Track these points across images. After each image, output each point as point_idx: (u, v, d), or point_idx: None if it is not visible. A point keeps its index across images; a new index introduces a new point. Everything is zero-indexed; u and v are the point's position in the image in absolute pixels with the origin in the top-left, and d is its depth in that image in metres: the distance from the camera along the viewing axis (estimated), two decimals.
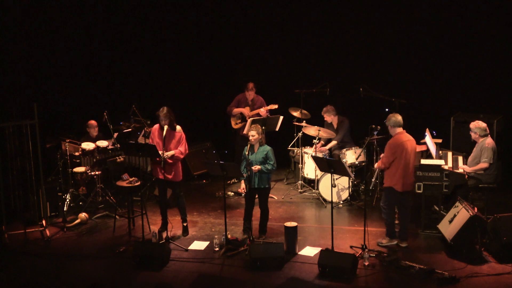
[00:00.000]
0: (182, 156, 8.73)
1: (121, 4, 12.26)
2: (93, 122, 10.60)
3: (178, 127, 8.73)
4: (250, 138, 8.62)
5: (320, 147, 10.73)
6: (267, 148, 8.68)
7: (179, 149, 8.66)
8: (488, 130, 9.10)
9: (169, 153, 8.56)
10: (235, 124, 11.07)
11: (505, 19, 11.14)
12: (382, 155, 8.55)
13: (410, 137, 8.36)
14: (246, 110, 10.88)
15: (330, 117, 10.78)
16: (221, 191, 10.47)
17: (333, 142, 10.76)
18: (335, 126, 10.80)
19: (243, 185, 8.75)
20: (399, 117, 8.33)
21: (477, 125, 9.02)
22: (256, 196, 8.80)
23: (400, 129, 8.34)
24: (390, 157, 8.24)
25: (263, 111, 10.79)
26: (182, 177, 8.93)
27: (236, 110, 10.94)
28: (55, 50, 11.92)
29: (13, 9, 11.43)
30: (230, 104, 10.99)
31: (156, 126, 8.74)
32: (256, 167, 8.50)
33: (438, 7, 11.44)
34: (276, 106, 10.84)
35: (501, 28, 11.17)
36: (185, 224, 9.07)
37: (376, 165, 8.69)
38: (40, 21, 11.69)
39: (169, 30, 12.49)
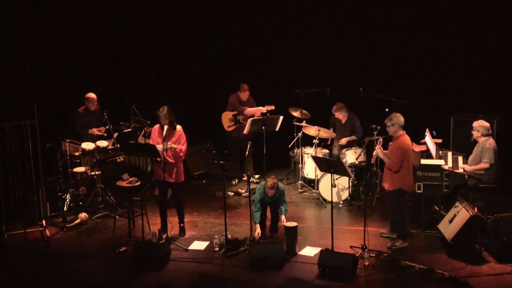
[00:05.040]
0: (181, 154, 8.71)
1: (121, 4, 12.25)
2: (92, 95, 10.54)
3: (179, 127, 8.73)
4: (270, 194, 8.57)
5: (340, 141, 10.71)
6: (281, 188, 8.69)
7: (179, 146, 8.67)
8: (490, 130, 9.12)
9: (171, 145, 8.54)
10: (227, 126, 11.06)
11: (505, 19, 11.13)
12: (376, 152, 8.52)
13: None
14: (259, 110, 10.84)
15: (341, 115, 10.74)
16: (221, 191, 10.47)
17: (353, 137, 10.70)
18: (343, 122, 10.78)
19: (258, 229, 8.62)
20: (402, 118, 8.34)
21: (481, 124, 9.02)
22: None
23: (403, 131, 8.36)
24: (401, 159, 8.24)
25: (263, 110, 10.81)
26: (184, 178, 8.94)
27: (250, 110, 10.90)
28: (55, 50, 11.92)
29: (14, 9, 11.43)
30: (234, 106, 10.94)
31: (157, 126, 8.75)
32: (283, 220, 8.60)
33: (438, 7, 11.44)
34: (273, 107, 10.86)
35: (501, 28, 11.17)
36: (181, 225, 9.08)
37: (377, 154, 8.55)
38: (40, 21, 11.68)
39: (168, 30, 12.48)
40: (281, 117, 10.74)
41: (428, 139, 9.44)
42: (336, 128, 10.90)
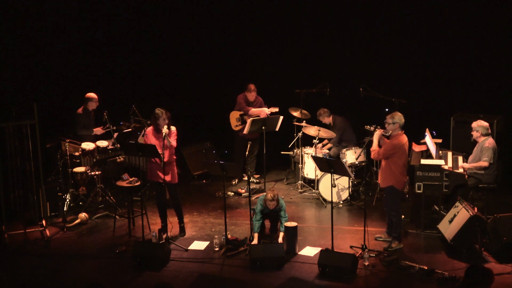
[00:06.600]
0: (173, 145, 8.61)
1: (121, 4, 12.25)
2: (93, 94, 10.48)
3: (173, 127, 8.71)
4: (270, 206, 8.53)
5: (321, 148, 10.80)
6: (281, 202, 8.66)
7: (172, 141, 8.64)
8: (490, 130, 9.12)
9: (168, 139, 8.47)
10: (235, 126, 11.07)
11: (505, 19, 11.13)
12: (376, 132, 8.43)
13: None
14: (262, 111, 10.85)
15: (324, 119, 10.86)
16: (221, 191, 10.47)
17: (328, 145, 10.85)
18: (331, 125, 10.88)
19: (256, 240, 8.50)
20: (403, 119, 8.33)
21: (480, 124, 9.02)
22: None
23: (402, 131, 8.34)
24: (387, 154, 8.23)
25: (267, 111, 10.81)
26: (178, 179, 8.92)
27: (254, 111, 10.90)
28: (55, 50, 11.92)
29: (14, 9, 11.43)
30: (241, 106, 10.95)
31: (150, 128, 8.73)
32: (280, 239, 8.49)
33: (438, 7, 11.44)
34: (277, 109, 10.86)
35: (501, 28, 11.17)
36: (181, 225, 9.08)
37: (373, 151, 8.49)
38: (40, 21, 11.69)
39: (168, 30, 12.48)
40: (281, 117, 10.75)
41: (428, 139, 9.44)
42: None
